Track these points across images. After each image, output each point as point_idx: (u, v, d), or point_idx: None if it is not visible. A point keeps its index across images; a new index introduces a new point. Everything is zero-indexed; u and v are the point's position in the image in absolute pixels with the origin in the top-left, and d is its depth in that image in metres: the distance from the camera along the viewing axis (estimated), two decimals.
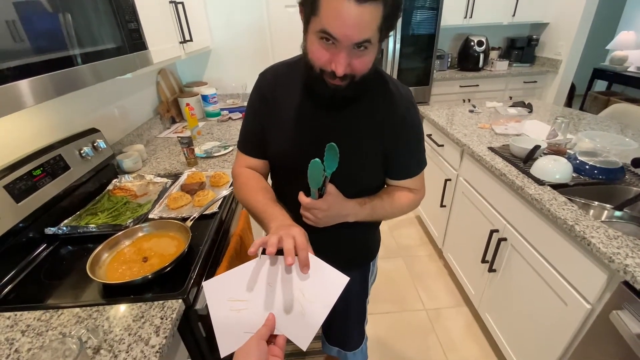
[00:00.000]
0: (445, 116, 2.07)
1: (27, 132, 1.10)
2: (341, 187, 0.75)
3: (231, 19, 2.33)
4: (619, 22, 4.65)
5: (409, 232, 2.50)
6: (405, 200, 0.85)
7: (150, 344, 0.69)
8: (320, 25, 0.60)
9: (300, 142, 0.78)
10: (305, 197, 0.73)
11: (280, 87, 0.80)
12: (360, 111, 0.76)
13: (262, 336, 0.54)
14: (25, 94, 0.69)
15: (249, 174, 0.85)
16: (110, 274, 0.87)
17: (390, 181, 0.86)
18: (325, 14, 0.58)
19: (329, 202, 0.73)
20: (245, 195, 0.81)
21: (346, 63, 0.62)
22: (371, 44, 0.62)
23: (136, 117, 1.83)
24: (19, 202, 0.93)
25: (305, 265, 0.59)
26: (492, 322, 1.55)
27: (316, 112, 0.77)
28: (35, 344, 0.70)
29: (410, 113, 0.78)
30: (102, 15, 0.96)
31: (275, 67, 0.84)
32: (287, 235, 0.60)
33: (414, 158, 0.84)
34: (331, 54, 0.62)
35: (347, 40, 0.59)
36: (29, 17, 0.71)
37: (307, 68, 0.69)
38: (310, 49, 0.66)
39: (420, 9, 2.81)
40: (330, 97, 0.70)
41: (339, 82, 0.66)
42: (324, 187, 0.72)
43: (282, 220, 0.69)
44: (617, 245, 0.93)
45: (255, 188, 0.81)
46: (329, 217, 0.75)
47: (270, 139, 0.82)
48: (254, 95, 0.84)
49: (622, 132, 1.74)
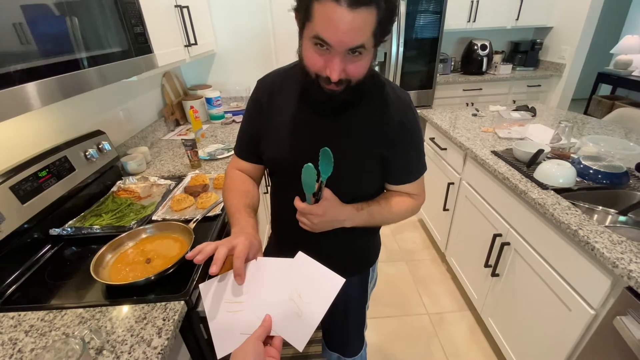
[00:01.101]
0: (449, 120, 2.07)
1: (33, 134, 1.11)
2: (338, 193, 0.75)
3: (235, 22, 2.35)
4: (623, 26, 4.64)
5: (411, 236, 2.49)
6: (404, 205, 0.84)
7: (152, 345, 0.69)
8: (314, 31, 0.60)
9: (297, 148, 0.78)
10: (300, 202, 0.73)
11: (277, 94, 0.80)
12: (357, 116, 0.76)
13: (258, 337, 0.54)
14: (32, 96, 0.70)
15: (236, 176, 0.87)
16: (114, 275, 0.87)
17: (390, 186, 0.85)
18: (319, 20, 0.58)
19: (324, 208, 0.73)
20: (225, 196, 0.83)
21: (340, 69, 0.62)
22: (365, 49, 0.62)
23: (141, 120, 1.85)
24: (24, 203, 0.94)
25: (237, 274, 0.59)
26: (495, 327, 1.54)
27: (313, 118, 0.77)
28: (39, 344, 0.70)
29: (408, 117, 0.77)
30: (109, 19, 0.97)
31: (273, 74, 0.85)
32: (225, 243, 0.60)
33: (413, 163, 0.83)
34: (325, 60, 0.62)
35: (340, 46, 0.59)
36: (36, 21, 0.72)
37: (303, 73, 0.69)
38: (305, 55, 0.66)
39: (424, 13, 2.82)
40: (327, 102, 0.70)
41: (335, 87, 0.66)
42: (320, 192, 0.72)
43: (242, 227, 0.69)
44: (621, 250, 0.92)
45: (235, 191, 0.82)
46: (325, 222, 0.75)
47: (266, 145, 0.82)
48: (251, 101, 0.85)
49: (627, 136, 1.73)
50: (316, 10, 0.58)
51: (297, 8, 0.64)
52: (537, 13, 3.21)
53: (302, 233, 0.79)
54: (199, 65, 2.46)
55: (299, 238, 0.79)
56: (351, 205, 0.78)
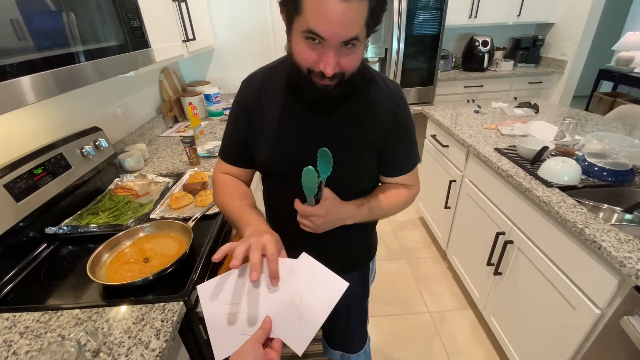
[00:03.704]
0: (450, 116, 2.05)
1: (29, 130, 1.09)
2: (338, 191, 0.73)
3: (235, 18, 2.32)
4: (625, 23, 4.61)
5: (412, 234, 2.47)
6: (401, 197, 0.84)
7: (150, 347, 0.67)
8: (305, 24, 0.57)
9: (291, 148, 0.76)
10: (301, 205, 0.71)
11: (265, 94, 0.77)
12: (350, 110, 0.74)
13: (258, 339, 0.53)
14: (27, 90, 0.67)
15: (227, 180, 0.84)
16: (111, 274, 0.86)
17: (385, 179, 0.85)
18: (310, 13, 0.56)
19: (326, 208, 0.71)
20: (222, 201, 0.80)
21: (335, 62, 0.60)
22: (359, 40, 0.60)
23: (138, 116, 1.82)
24: (19, 201, 0.92)
25: (274, 277, 0.57)
26: (497, 325, 1.53)
27: (305, 115, 0.74)
28: (34, 346, 0.69)
29: (401, 109, 0.77)
30: (105, 13, 0.94)
31: (258, 74, 0.81)
32: (256, 244, 0.57)
33: (407, 154, 0.82)
34: (318, 54, 0.60)
35: (334, 38, 0.57)
36: (31, 13, 0.69)
37: (293, 70, 0.66)
38: (296, 50, 0.63)
39: (425, 9, 2.78)
40: (320, 98, 0.68)
41: (328, 82, 0.63)
42: (320, 193, 0.69)
43: (257, 226, 0.67)
44: (629, 249, 0.91)
45: (233, 194, 0.79)
46: (328, 222, 0.73)
47: (257, 148, 0.79)
48: (236, 104, 0.81)
49: (630, 133, 1.71)
50: (306, 2, 0.56)
51: (283, 2, 0.62)
52: (539, 9, 3.18)
53: (301, 234, 0.77)
54: (198, 61, 2.43)
55: (299, 239, 0.77)
56: (351, 203, 0.77)
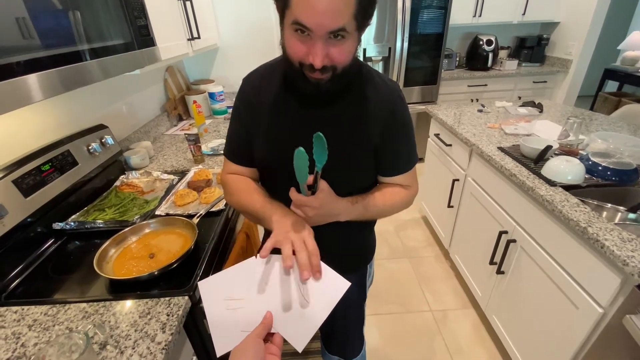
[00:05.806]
0: (454, 115, 2.05)
1: (36, 127, 1.11)
2: (334, 186, 0.73)
3: (239, 17, 2.33)
4: (630, 22, 4.57)
5: (415, 233, 2.47)
6: (398, 197, 0.83)
7: (156, 340, 0.68)
8: (293, 16, 0.58)
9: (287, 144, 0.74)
10: (296, 194, 0.70)
11: (265, 90, 0.77)
12: (347, 106, 0.74)
13: (259, 334, 0.53)
14: (34, 88, 0.69)
15: (238, 179, 0.83)
16: (117, 269, 0.87)
17: (383, 178, 0.84)
18: (296, 4, 0.57)
19: (321, 200, 0.69)
20: (239, 199, 0.80)
21: (323, 54, 0.60)
22: (348, 32, 0.60)
23: (144, 114, 1.84)
24: (27, 197, 0.93)
25: (317, 271, 0.58)
26: (499, 325, 1.53)
27: (301, 111, 0.74)
28: (42, 338, 0.70)
29: (398, 106, 0.76)
30: (111, 11, 0.96)
31: (259, 71, 0.81)
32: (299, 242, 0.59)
33: (405, 153, 0.81)
34: (307, 46, 0.60)
35: (320, 29, 0.57)
36: (38, 12, 0.71)
37: (287, 64, 0.67)
38: (287, 44, 0.64)
39: (429, 8, 2.78)
40: (314, 93, 0.68)
41: (320, 75, 0.63)
42: (316, 184, 0.69)
43: (282, 212, 0.70)
44: (632, 248, 0.91)
45: (248, 190, 0.80)
46: (321, 215, 0.71)
47: (256, 144, 0.79)
48: (238, 101, 0.81)
49: (635, 133, 1.70)
50: None
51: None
52: (544, 8, 3.17)
53: None
54: (202, 60, 2.44)
55: None
56: (346, 199, 0.76)
